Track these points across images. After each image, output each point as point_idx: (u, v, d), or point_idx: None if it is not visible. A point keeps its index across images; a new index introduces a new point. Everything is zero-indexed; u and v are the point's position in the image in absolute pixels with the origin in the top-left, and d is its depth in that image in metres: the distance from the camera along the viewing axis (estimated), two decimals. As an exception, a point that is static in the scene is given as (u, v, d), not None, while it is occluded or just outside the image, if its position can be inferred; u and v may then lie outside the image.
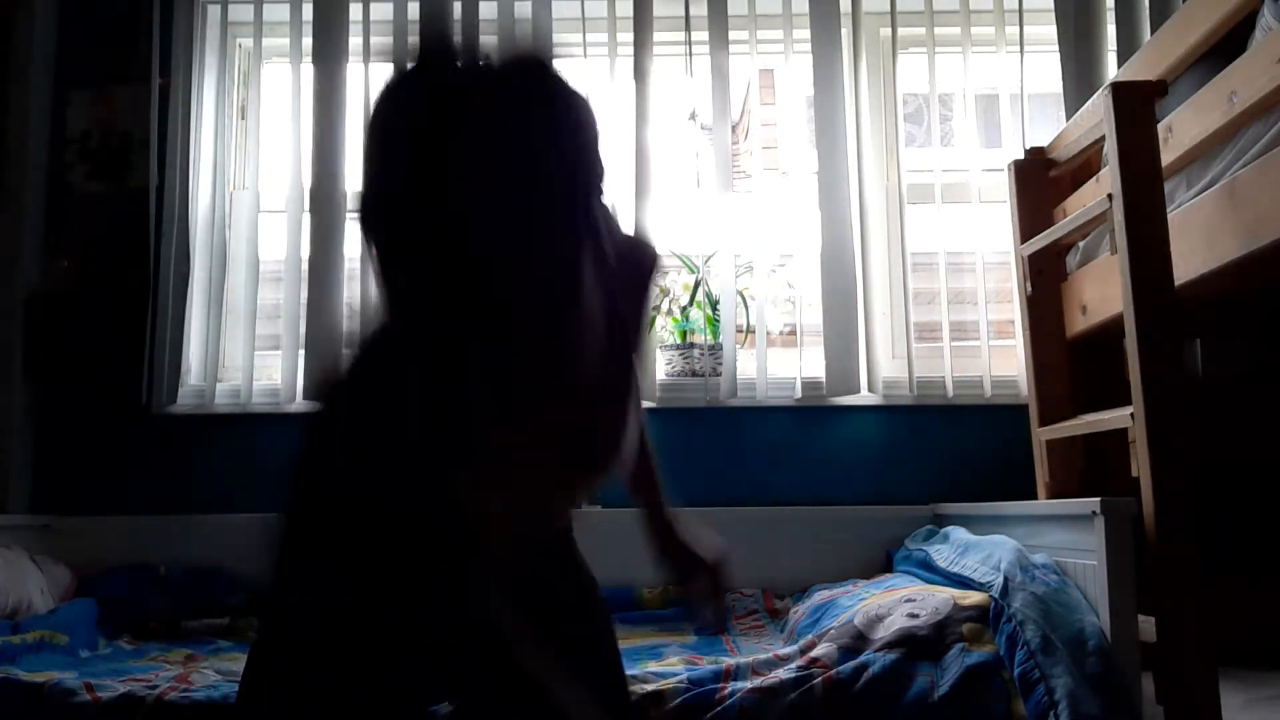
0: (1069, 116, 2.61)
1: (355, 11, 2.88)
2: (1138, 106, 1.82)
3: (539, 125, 1.03)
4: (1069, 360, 2.36)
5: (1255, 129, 1.67)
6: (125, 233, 2.81)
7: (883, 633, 1.74)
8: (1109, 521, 1.67)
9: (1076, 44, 2.75)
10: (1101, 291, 2.13)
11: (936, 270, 2.77)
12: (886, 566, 2.46)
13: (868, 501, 2.68)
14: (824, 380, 2.73)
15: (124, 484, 2.74)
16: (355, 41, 2.87)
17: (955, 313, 2.80)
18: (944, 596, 1.81)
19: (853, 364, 2.73)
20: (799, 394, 2.77)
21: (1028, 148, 2.50)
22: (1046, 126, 2.75)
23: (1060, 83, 2.77)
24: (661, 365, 2.82)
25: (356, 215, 1.07)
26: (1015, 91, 2.80)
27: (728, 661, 1.76)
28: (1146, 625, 1.67)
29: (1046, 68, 2.88)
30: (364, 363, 1.08)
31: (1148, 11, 2.72)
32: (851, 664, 1.68)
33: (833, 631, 1.80)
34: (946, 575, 2.05)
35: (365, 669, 1.05)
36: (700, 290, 2.85)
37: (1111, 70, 2.71)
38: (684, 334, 2.85)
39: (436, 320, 1.01)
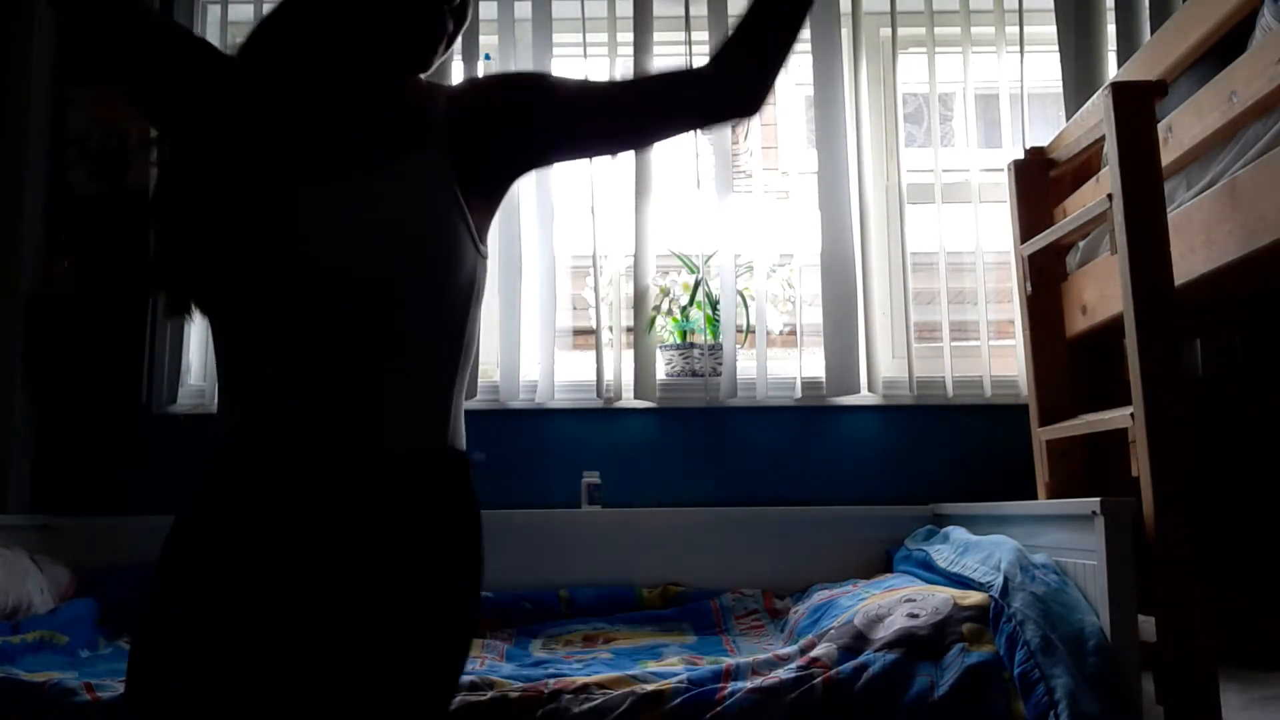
0: (1069, 116, 2.61)
1: (355, 11, 2.87)
2: (1138, 106, 1.82)
3: None
4: (1069, 360, 2.36)
5: (1255, 129, 1.67)
6: (125, 233, 2.81)
7: (883, 633, 1.74)
8: (1109, 521, 1.67)
9: (1076, 44, 2.75)
10: (1101, 291, 2.13)
11: (936, 270, 2.77)
12: (886, 566, 2.46)
13: (868, 501, 2.68)
14: (824, 380, 2.73)
15: (124, 484, 2.74)
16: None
17: (955, 313, 2.80)
18: (944, 596, 1.81)
19: (853, 364, 2.73)
20: (799, 394, 2.77)
21: (1028, 148, 2.50)
22: (1046, 126, 2.75)
23: (1060, 83, 2.77)
24: (661, 365, 2.82)
25: None
26: (1015, 91, 2.80)
27: (728, 661, 1.76)
28: (1146, 625, 1.67)
29: (1046, 68, 2.89)
30: None
31: (1148, 11, 2.72)
32: (851, 664, 1.68)
33: (833, 631, 1.80)
34: (946, 575, 2.05)
35: None
36: (700, 290, 2.85)
37: (1111, 70, 2.71)
38: (684, 334, 2.85)
39: None
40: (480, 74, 2.94)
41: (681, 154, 3.06)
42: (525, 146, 1.18)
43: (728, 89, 1.19)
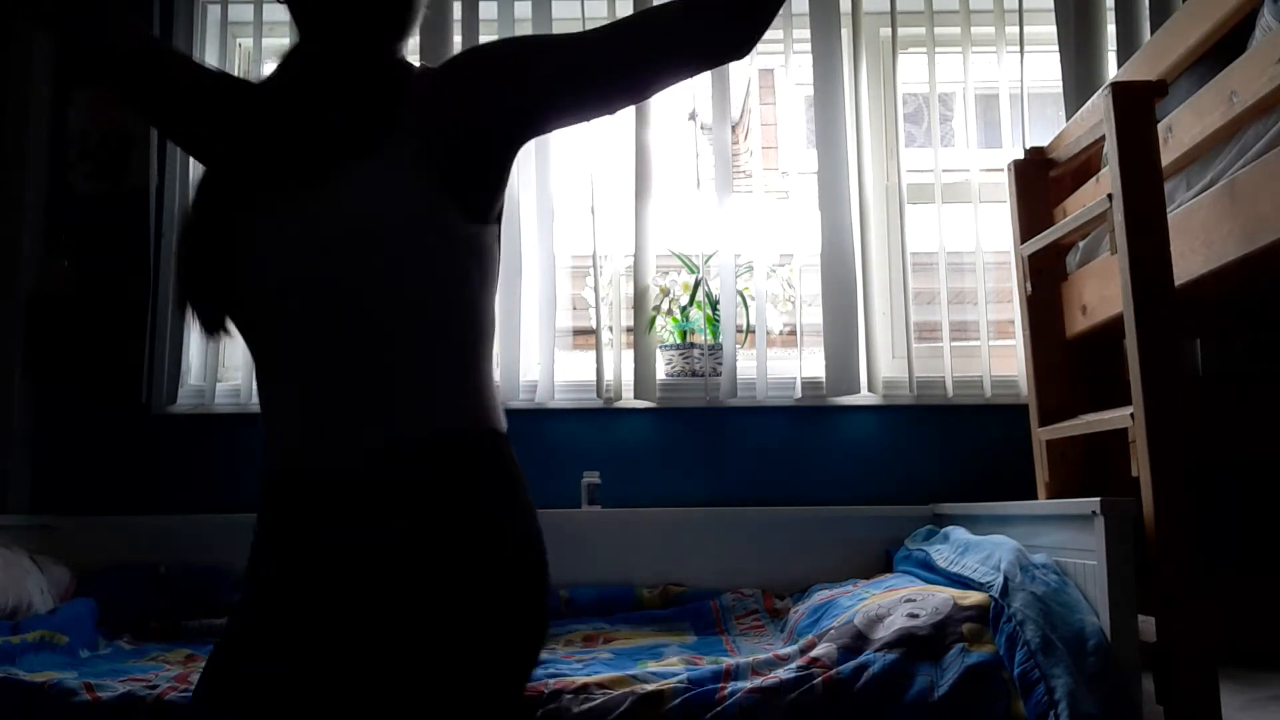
0: (1069, 116, 2.61)
1: (355, 11, 2.87)
2: (1138, 106, 1.82)
3: None
4: (1069, 360, 2.36)
5: (1255, 129, 1.67)
6: (125, 233, 2.81)
7: (883, 633, 1.74)
8: (1109, 521, 1.67)
9: (1076, 44, 2.75)
10: (1101, 291, 2.13)
11: (936, 270, 2.77)
12: (886, 566, 2.46)
13: (868, 501, 2.68)
14: (824, 380, 2.73)
15: (124, 484, 2.74)
16: (355, 41, 2.86)
17: (955, 313, 2.80)
18: (944, 596, 1.81)
19: (853, 364, 2.73)
20: (799, 394, 2.77)
21: (1028, 148, 2.50)
22: (1046, 126, 2.75)
23: (1060, 83, 2.77)
24: (661, 365, 2.82)
25: None
26: (1015, 91, 2.80)
27: (728, 661, 1.76)
28: (1146, 625, 1.67)
29: (1046, 68, 2.89)
30: None
31: (1148, 11, 2.72)
32: (851, 664, 1.68)
33: (833, 631, 1.80)
34: (946, 575, 2.05)
35: None
36: (700, 290, 2.85)
37: (1111, 70, 2.71)
38: (684, 334, 2.85)
39: None
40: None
41: (681, 154, 3.06)
42: (517, 115, 1.13)
43: (723, 17, 1.10)
